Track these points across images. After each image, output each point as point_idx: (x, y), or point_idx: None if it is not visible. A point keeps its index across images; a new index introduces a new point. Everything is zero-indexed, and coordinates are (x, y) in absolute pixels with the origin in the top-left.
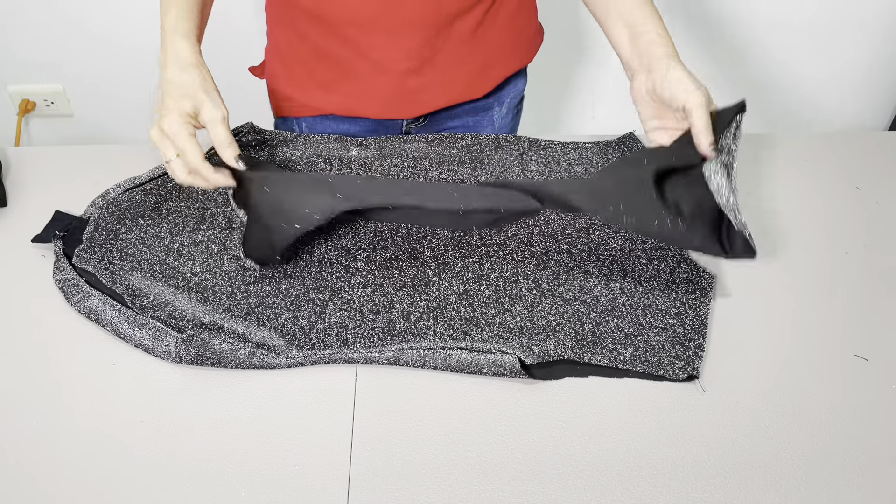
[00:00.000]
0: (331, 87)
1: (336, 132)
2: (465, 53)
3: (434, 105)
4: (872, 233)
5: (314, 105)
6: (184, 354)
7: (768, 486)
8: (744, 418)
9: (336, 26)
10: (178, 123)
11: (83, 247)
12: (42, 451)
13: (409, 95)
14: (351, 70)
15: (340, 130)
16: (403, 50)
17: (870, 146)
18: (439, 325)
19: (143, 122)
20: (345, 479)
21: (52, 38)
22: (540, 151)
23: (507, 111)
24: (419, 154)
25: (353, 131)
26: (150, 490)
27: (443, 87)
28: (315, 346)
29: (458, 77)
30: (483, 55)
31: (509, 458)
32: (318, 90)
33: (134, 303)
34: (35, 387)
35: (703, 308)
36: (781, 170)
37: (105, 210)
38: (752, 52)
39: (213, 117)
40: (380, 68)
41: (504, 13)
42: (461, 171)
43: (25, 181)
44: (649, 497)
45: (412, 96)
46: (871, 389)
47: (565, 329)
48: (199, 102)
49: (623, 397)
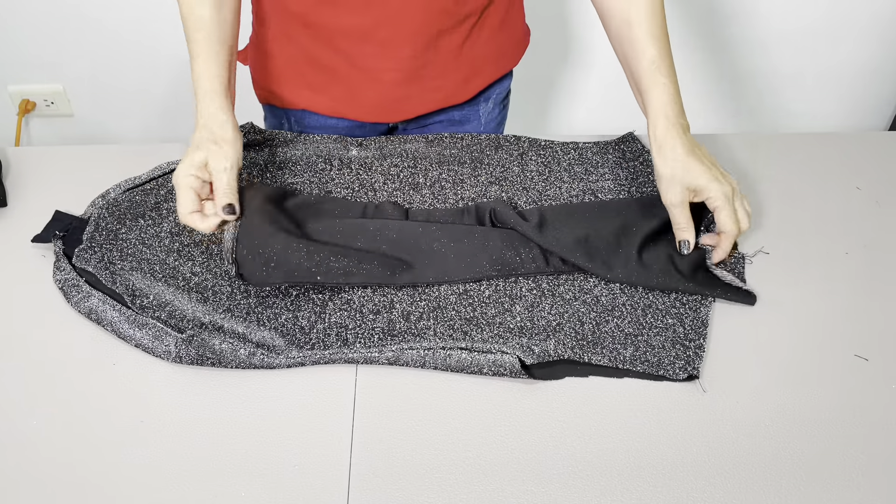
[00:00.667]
0: (318, 89)
1: (323, 126)
2: (452, 65)
3: (419, 111)
4: (872, 233)
5: (301, 103)
6: (184, 354)
7: (768, 486)
8: (744, 418)
9: (327, 35)
10: (181, 175)
11: (83, 247)
12: (42, 451)
13: (395, 102)
14: (339, 76)
15: (327, 125)
16: (393, 61)
17: (870, 146)
18: (439, 325)
19: (143, 123)
20: (345, 479)
21: (52, 38)
22: (540, 151)
23: (493, 106)
24: (419, 154)
25: (340, 127)
26: (150, 490)
27: (429, 93)
28: (315, 346)
29: (444, 86)
30: (469, 65)
31: (509, 458)
32: (306, 90)
33: (134, 303)
34: (35, 387)
35: (704, 308)
36: (781, 170)
37: (105, 210)
38: (751, 51)
39: (215, 167)
40: (369, 77)
41: (490, 24)
42: (461, 172)
43: (25, 181)
44: (649, 497)
45: (398, 104)
46: (871, 389)
47: (565, 329)
48: (209, 153)
49: (623, 397)
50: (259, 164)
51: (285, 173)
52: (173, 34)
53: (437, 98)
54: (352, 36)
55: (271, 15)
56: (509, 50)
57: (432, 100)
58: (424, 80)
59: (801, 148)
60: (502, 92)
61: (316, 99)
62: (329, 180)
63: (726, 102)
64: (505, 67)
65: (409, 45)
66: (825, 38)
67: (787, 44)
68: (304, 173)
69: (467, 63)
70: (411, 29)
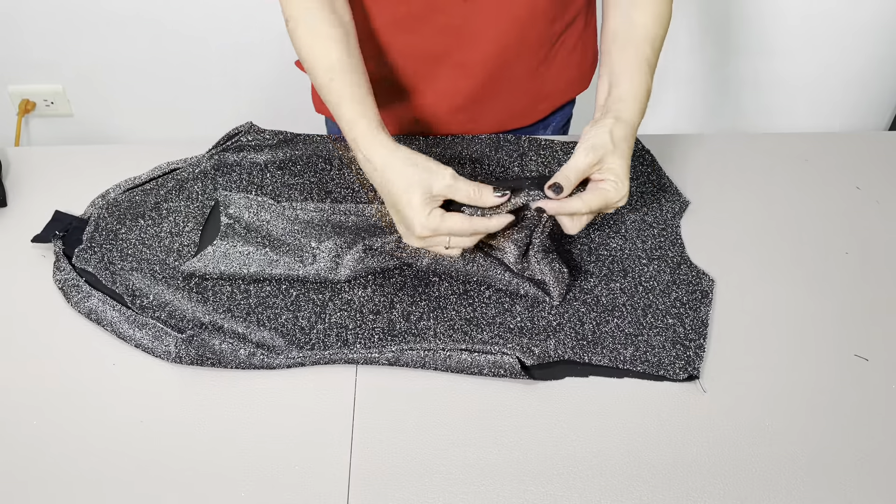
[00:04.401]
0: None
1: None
2: (523, 88)
3: (482, 130)
4: (872, 233)
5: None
6: (184, 354)
7: (768, 486)
8: (744, 418)
9: (397, 57)
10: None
11: (83, 247)
12: (42, 451)
13: (459, 124)
14: (405, 96)
15: None
16: (462, 86)
17: (870, 146)
18: (439, 325)
19: (143, 123)
20: (345, 479)
21: (52, 38)
22: (540, 151)
23: (551, 133)
24: None
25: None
26: (150, 490)
27: (496, 114)
28: (315, 347)
29: (513, 106)
30: (540, 88)
31: (509, 458)
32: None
33: (134, 303)
34: (35, 387)
35: (704, 308)
36: (782, 170)
37: (105, 210)
38: (751, 50)
39: (444, 185)
40: (435, 99)
41: (566, 47)
42: (461, 172)
43: (25, 181)
44: (649, 497)
45: (462, 125)
46: (871, 389)
47: (565, 329)
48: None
49: (623, 397)
50: (259, 164)
51: (285, 173)
52: (174, 34)
53: (502, 119)
54: (425, 59)
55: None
56: (580, 73)
57: (497, 121)
58: (494, 101)
59: (801, 148)
60: (563, 119)
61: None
62: (329, 180)
63: (726, 102)
64: (574, 91)
65: (483, 69)
66: (825, 37)
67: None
68: (304, 173)
69: (538, 86)
70: (488, 53)
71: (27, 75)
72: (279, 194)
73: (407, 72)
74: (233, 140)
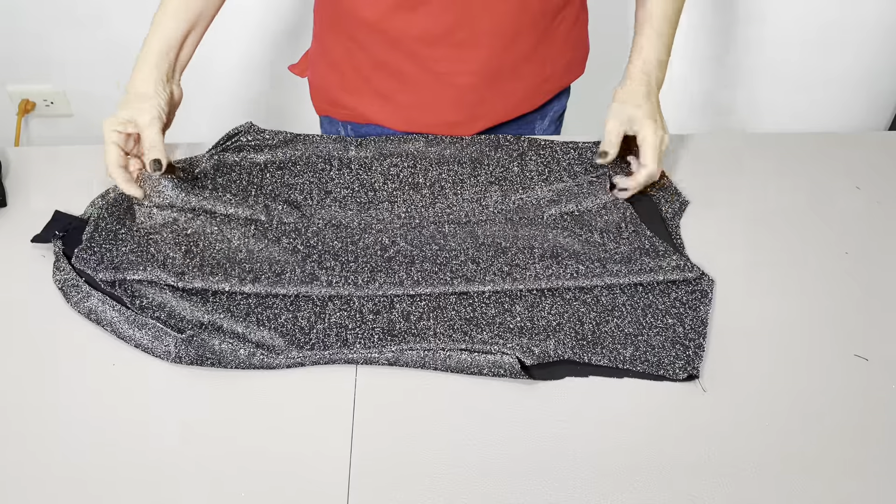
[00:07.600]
0: (387, 97)
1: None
2: (526, 67)
3: (491, 120)
4: (872, 233)
5: (366, 114)
6: (184, 354)
7: (768, 486)
8: (744, 418)
9: (400, 40)
10: (107, 129)
11: (83, 247)
12: (42, 451)
13: (467, 108)
14: (411, 81)
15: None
16: (469, 63)
17: (870, 146)
18: (439, 325)
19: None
20: (345, 479)
21: (53, 38)
22: (539, 151)
23: (548, 124)
24: (419, 154)
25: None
26: (150, 490)
27: (502, 98)
28: (315, 347)
29: (517, 89)
30: (542, 67)
31: (509, 458)
32: (375, 99)
33: (133, 303)
34: (35, 387)
35: (703, 308)
36: (781, 170)
37: (105, 210)
38: (751, 50)
39: (142, 122)
40: (442, 81)
41: (565, 26)
42: (461, 172)
43: (25, 181)
44: (649, 497)
45: (471, 109)
46: (871, 389)
47: (565, 329)
48: (137, 111)
49: (623, 397)
50: (259, 164)
51: (285, 173)
52: None
53: (509, 104)
54: (426, 39)
55: (338, 22)
56: (577, 56)
57: (504, 107)
58: (499, 82)
59: (801, 148)
60: (560, 109)
61: (383, 108)
62: (329, 180)
63: (727, 102)
64: (573, 74)
65: (487, 47)
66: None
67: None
68: (304, 173)
69: (541, 64)
70: (489, 29)
71: (27, 75)
72: (278, 194)
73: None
74: (232, 140)
